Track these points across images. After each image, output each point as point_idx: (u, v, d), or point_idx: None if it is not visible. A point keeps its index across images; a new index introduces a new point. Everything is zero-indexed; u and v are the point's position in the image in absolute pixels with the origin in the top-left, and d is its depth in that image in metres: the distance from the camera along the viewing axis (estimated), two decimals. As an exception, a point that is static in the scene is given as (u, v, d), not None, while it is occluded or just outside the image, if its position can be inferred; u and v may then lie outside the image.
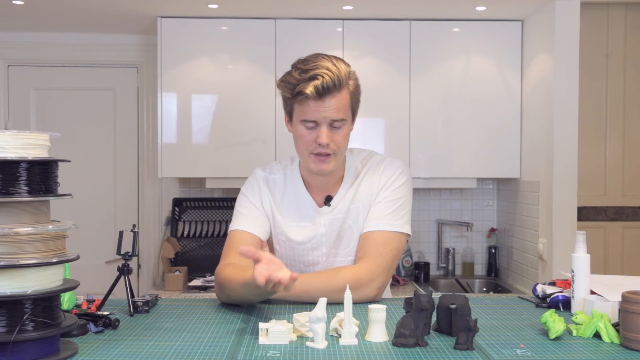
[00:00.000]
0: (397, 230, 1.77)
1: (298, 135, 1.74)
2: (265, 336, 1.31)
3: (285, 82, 1.71)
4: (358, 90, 1.77)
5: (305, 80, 1.66)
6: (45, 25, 3.82)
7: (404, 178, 1.82)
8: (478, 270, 4.09)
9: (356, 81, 1.76)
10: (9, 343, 1.12)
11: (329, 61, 1.69)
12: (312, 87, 1.65)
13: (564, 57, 3.22)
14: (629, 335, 1.27)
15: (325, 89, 1.65)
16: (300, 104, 1.69)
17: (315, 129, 1.70)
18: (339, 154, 1.75)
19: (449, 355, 1.23)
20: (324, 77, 1.65)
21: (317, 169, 1.74)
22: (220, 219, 3.93)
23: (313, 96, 1.65)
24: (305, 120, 1.70)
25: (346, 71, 1.71)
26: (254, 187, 1.86)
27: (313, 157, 1.73)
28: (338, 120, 1.70)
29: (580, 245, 1.54)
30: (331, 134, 1.70)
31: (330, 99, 1.67)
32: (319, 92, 1.65)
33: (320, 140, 1.69)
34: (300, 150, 1.77)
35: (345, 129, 1.74)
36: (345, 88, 1.70)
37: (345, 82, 1.69)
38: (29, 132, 1.19)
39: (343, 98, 1.70)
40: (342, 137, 1.73)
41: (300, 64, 1.70)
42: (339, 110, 1.69)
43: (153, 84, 3.99)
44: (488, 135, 3.64)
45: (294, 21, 3.59)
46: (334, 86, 1.66)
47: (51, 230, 1.18)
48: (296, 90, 1.67)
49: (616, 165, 3.95)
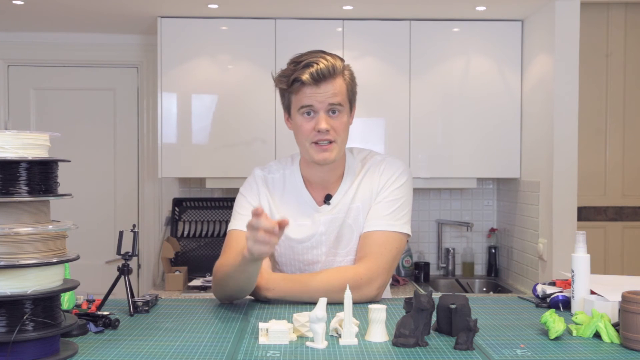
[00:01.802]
0: (397, 230, 1.77)
1: (297, 127, 1.76)
2: (265, 336, 1.32)
3: (280, 76, 1.76)
4: (354, 81, 1.80)
5: (300, 68, 1.70)
6: (45, 25, 3.82)
7: (405, 178, 1.82)
8: (478, 270, 4.09)
9: (351, 73, 1.79)
10: (9, 343, 1.12)
11: (321, 52, 1.74)
12: (307, 73, 1.69)
13: (564, 57, 3.22)
14: (629, 335, 1.27)
15: (320, 74, 1.69)
16: (297, 92, 1.72)
17: (314, 118, 1.72)
18: (339, 142, 1.75)
19: (449, 355, 1.23)
20: (319, 64, 1.69)
21: (320, 158, 1.74)
22: (220, 219, 3.93)
23: (309, 82, 1.69)
24: (303, 106, 1.72)
25: (341, 62, 1.75)
26: (253, 187, 1.86)
27: (315, 146, 1.74)
28: (335, 105, 1.72)
29: (580, 245, 1.54)
30: (330, 121, 1.72)
31: (325, 84, 1.70)
32: (314, 78, 1.68)
33: (319, 126, 1.71)
34: (302, 142, 1.77)
35: (344, 117, 1.75)
36: (340, 76, 1.73)
37: (340, 70, 1.73)
38: (29, 132, 1.19)
39: (339, 85, 1.73)
40: (341, 124, 1.74)
41: (294, 58, 1.75)
42: (336, 95, 1.71)
43: (153, 84, 3.99)
44: (488, 135, 3.64)
45: (294, 21, 3.59)
46: (328, 72, 1.69)
47: (51, 230, 1.18)
48: (291, 79, 1.71)
49: (616, 165, 3.95)
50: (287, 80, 1.72)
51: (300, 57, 1.73)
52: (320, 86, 1.70)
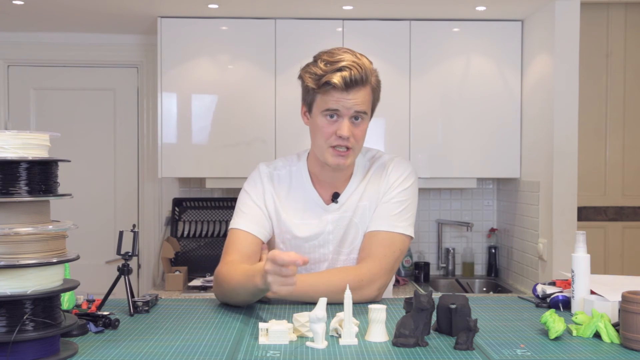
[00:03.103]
0: (401, 232, 1.76)
1: (318, 127, 1.73)
2: (265, 336, 1.31)
3: (310, 73, 1.71)
4: (379, 87, 1.77)
5: (332, 71, 1.66)
6: (45, 25, 3.82)
7: (411, 180, 1.82)
8: (478, 270, 4.09)
9: (377, 78, 1.76)
10: (9, 343, 1.12)
11: (353, 55, 1.70)
12: (340, 77, 1.65)
13: (564, 57, 3.22)
14: (629, 335, 1.27)
15: (353, 81, 1.66)
16: (325, 94, 1.68)
17: (337, 122, 1.70)
18: (356, 149, 1.74)
19: (449, 355, 1.23)
20: (352, 69, 1.66)
21: (335, 162, 1.72)
22: (220, 219, 3.93)
23: (340, 87, 1.65)
24: (329, 109, 1.69)
25: (370, 67, 1.72)
26: (257, 184, 1.83)
27: (332, 150, 1.72)
28: (360, 113, 1.70)
29: (580, 245, 1.54)
30: (352, 128, 1.70)
31: (355, 91, 1.67)
32: (347, 84, 1.65)
33: (341, 132, 1.68)
34: (319, 143, 1.74)
35: (365, 124, 1.73)
36: (369, 83, 1.71)
37: (370, 77, 1.70)
38: (29, 132, 1.19)
39: (367, 93, 1.70)
40: (362, 131, 1.73)
41: (325, 56, 1.70)
42: (363, 103, 1.69)
43: (153, 84, 3.99)
44: (488, 135, 3.64)
45: (294, 21, 3.59)
46: (360, 79, 1.67)
47: (51, 230, 1.18)
48: (323, 81, 1.67)
49: (616, 165, 3.95)
50: (318, 80, 1.68)
51: (331, 57, 1.69)
52: (349, 92, 1.67)
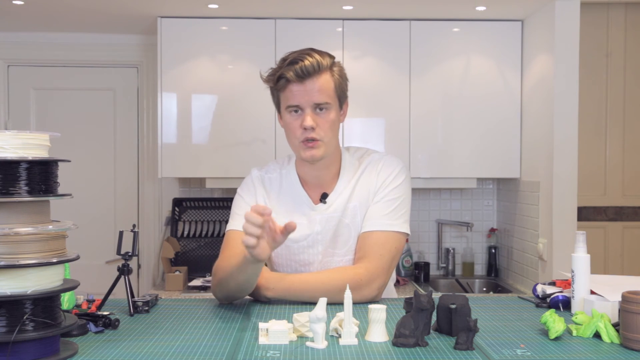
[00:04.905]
0: (396, 230, 1.76)
1: (286, 125, 1.77)
2: (265, 336, 1.31)
3: (269, 74, 1.77)
4: (344, 77, 1.79)
5: (285, 66, 1.71)
6: (45, 25, 3.82)
7: (403, 176, 1.82)
8: (478, 270, 4.09)
9: (341, 69, 1.78)
10: (9, 343, 1.11)
11: (310, 50, 1.75)
12: (292, 70, 1.69)
13: (564, 57, 3.22)
14: (629, 335, 1.27)
15: (305, 71, 1.69)
16: (284, 90, 1.73)
17: (301, 115, 1.73)
18: (326, 140, 1.74)
19: (449, 355, 1.23)
20: (304, 61, 1.69)
21: (307, 155, 1.74)
22: (220, 219, 3.93)
23: (293, 79, 1.69)
24: (289, 105, 1.73)
25: (329, 59, 1.74)
26: (250, 187, 1.87)
27: (302, 144, 1.74)
28: (322, 104, 1.71)
29: (580, 245, 1.54)
30: (316, 119, 1.72)
31: (311, 82, 1.70)
32: (299, 75, 1.69)
33: (305, 123, 1.71)
34: (291, 141, 1.78)
35: (331, 114, 1.74)
36: (328, 72, 1.73)
37: (327, 67, 1.72)
38: (29, 132, 1.19)
39: (326, 82, 1.72)
40: (328, 122, 1.73)
41: (283, 57, 1.76)
42: (322, 93, 1.71)
43: (153, 84, 3.99)
44: (488, 135, 3.64)
45: (294, 21, 3.59)
46: (313, 69, 1.69)
47: (51, 230, 1.18)
48: (276, 76, 1.72)
49: (616, 165, 3.95)
50: (274, 77, 1.74)
51: (287, 55, 1.74)
52: (305, 83, 1.70)
